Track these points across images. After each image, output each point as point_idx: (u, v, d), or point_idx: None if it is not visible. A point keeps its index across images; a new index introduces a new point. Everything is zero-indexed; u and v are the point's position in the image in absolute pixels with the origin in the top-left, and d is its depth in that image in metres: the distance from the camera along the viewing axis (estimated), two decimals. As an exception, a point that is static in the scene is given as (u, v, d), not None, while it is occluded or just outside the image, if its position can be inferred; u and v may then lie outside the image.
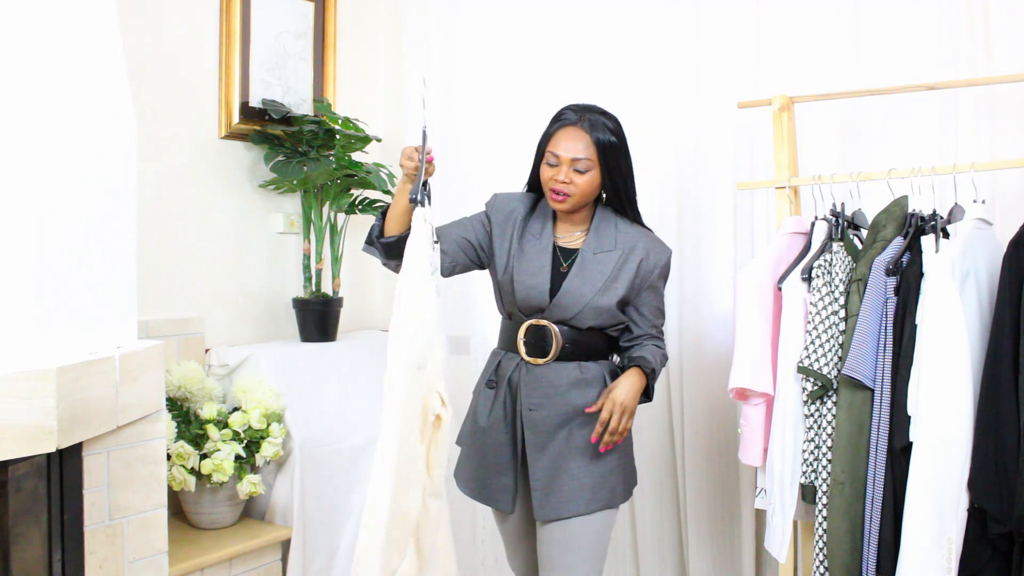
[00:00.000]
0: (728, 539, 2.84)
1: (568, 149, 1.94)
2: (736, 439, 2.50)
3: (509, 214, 2.06)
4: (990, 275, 2.02)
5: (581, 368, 2.01)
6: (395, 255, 1.96)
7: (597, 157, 1.95)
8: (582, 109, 1.98)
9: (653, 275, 2.03)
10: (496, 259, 2.05)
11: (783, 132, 2.41)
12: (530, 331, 2.01)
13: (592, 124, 1.95)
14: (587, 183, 1.96)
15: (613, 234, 2.02)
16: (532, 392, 2.00)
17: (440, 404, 1.79)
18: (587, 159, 1.94)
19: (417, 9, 3.29)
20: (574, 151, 1.94)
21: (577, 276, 1.99)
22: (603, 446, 1.94)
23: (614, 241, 2.01)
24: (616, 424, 1.91)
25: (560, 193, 1.96)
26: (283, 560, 2.64)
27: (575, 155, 1.94)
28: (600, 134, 1.95)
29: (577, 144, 1.94)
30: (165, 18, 2.73)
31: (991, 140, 2.38)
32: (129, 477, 2.00)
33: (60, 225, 1.82)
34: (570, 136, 1.95)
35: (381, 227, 1.99)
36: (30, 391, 1.64)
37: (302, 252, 3.04)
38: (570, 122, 1.96)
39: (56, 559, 1.86)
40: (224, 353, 2.77)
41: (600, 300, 1.98)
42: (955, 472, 1.91)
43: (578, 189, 1.95)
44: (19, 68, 1.76)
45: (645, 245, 2.03)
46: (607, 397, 1.93)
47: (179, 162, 2.79)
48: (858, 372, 2.03)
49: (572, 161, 1.94)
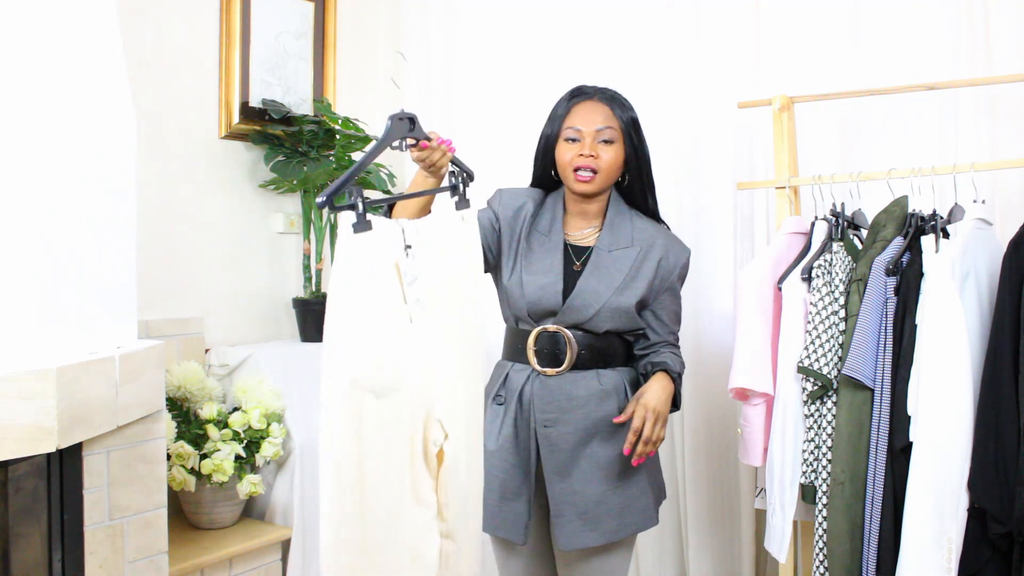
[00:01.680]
0: (728, 539, 2.84)
1: (591, 120, 1.82)
2: (736, 439, 2.50)
3: (518, 210, 1.91)
4: (990, 275, 2.02)
5: (600, 377, 1.85)
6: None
7: (620, 129, 1.84)
8: (591, 87, 1.89)
9: (673, 276, 1.90)
10: (503, 260, 1.90)
11: (783, 132, 2.41)
12: (541, 338, 1.84)
13: (612, 97, 1.86)
14: (614, 157, 1.83)
15: (629, 230, 1.89)
16: (547, 406, 1.83)
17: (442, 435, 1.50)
18: (612, 128, 1.83)
19: (417, 9, 3.29)
20: (597, 121, 1.82)
21: (592, 275, 1.84)
22: (636, 459, 1.76)
23: (631, 237, 1.88)
24: (650, 432, 1.73)
25: (586, 170, 1.81)
26: (283, 560, 2.64)
27: (599, 124, 1.82)
28: (620, 107, 1.85)
29: (598, 115, 1.83)
30: (165, 18, 2.73)
31: (991, 140, 2.38)
32: (129, 477, 2.00)
33: (60, 225, 1.82)
34: (590, 108, 1.84)
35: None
36: (30, 391, 1.64)
37: (302, 252, 3.04)
38: (587, 96, 1.86)
39: (56, 559, 1.86)
40: (224, 353, 2.77)
41: (619, 300, 1.83)
42: (955, 472, 1.91)
43: (605, 164, 1.82)
44: (19, 68, 1.76)
45: (664, 243, 1.90)
46: (637, 403, 1.76)
47: (179, 162, 2.78)
48: (858, 372, 2.03)
49: (596, 132, 1.81)
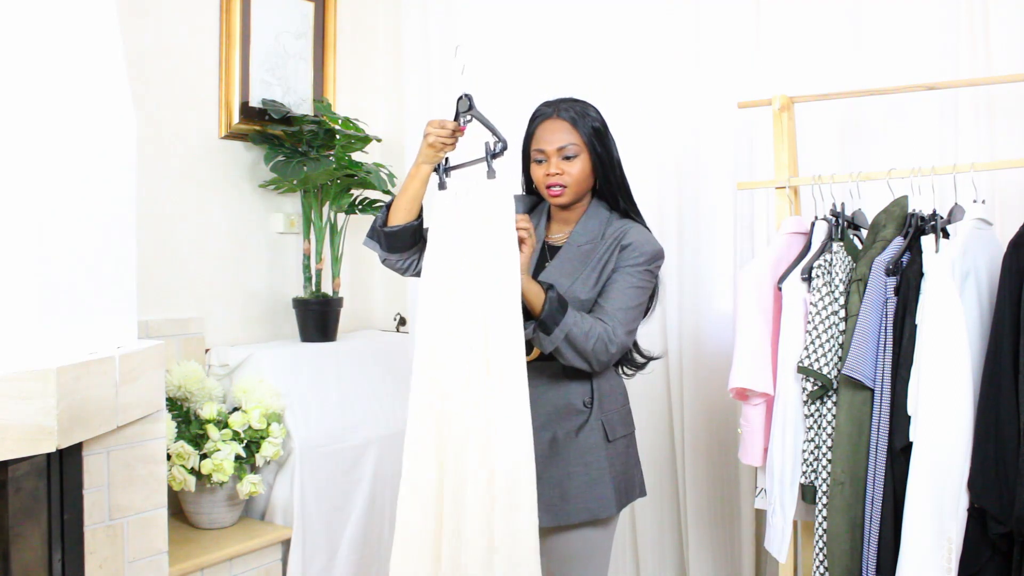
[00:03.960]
0: (728, 539, 2.84)
1: (551, 140, 1.89)
2: (736, 439, 2.50)
3: None
4: (990, 275, 2.02)
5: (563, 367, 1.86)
6: (397, 248, 1.90)
7: (582, 141, 1.89)
8: (554, 102, 1.94)
9: (631, 257, 1.87)
10: None
11: (783, 132, 2.41)
12: None
13: (568, 111, 1.91)
14: (579, 170, 1.89)
15: (602, 227, 1.93)
16: None
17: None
18: (573, 143, 1.89)
19: (417, 9, 3.29)
20: (557, 140, 1.89)
21: (555, 267, 1.91)
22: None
23: (601, 233, 1.93)
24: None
25: (555, 186, 1.89)
26: (283, 560, 2.64)
27: (559, 143, 1.89)
28: (579, 119, 1.90)
29: (558, 133, 1.89)
30: (165, 18, 2.73)
31: (991, 140, 2.38)
32: (129, 477, 2.00)
33: (60, 225, 1.82)
34: (549, 128, 1.91)
35: (386, 216, 1.90)
36: (30, 391, 1.64)
37: (302, 252, 3.04)
38: (546, 116, 1.93)
39: (56, 559, 1.86)
40: (224, 353, 2.77)
41: (577, 290, 1.86)
42: (955, 472, 1.91)
43: (572, 178, 1.89)
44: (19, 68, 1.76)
45: (634, 234, 1.91)
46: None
47: (179, 162, 2.78)
48: (858, 372, 2.03)
49: (558, 151, 1.89)
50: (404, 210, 1.88)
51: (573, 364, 1.81)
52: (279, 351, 2.82)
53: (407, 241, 1.90)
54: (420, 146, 1.85)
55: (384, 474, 2.85)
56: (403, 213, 1.88)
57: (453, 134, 1.81)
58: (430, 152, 1.83)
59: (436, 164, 1.86)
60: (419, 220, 1.91)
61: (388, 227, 1.89)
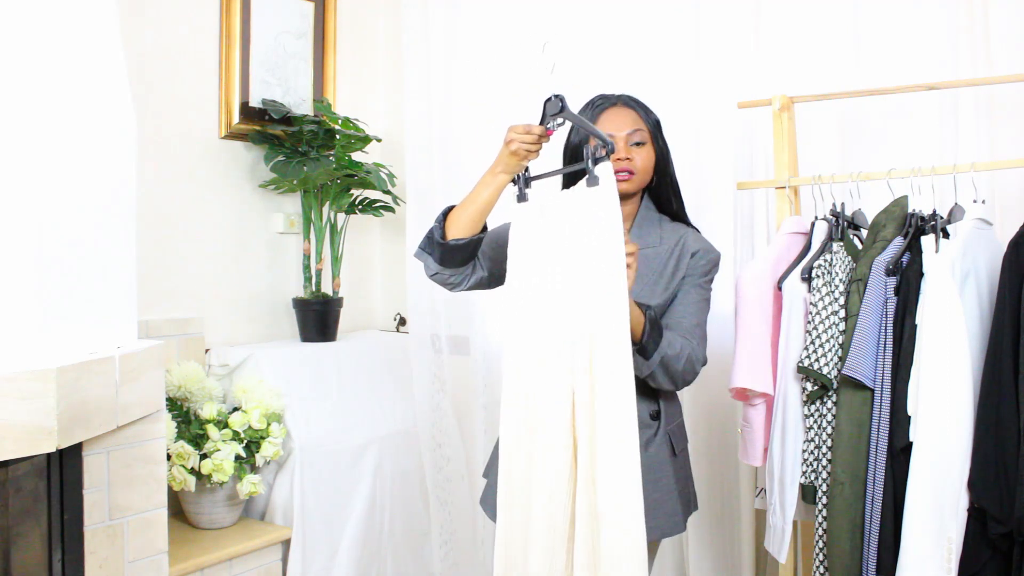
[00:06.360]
0: (728, 539, 2.84)
1: (620, 125, 1.81)
2: (736, 439, 2.50)
3: None
4: (990, 275, 2.02)
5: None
6: (454, 262, 1.76)
7: (648, 131, 1.84)
8: (611, 94, 1.89)
9: (700, 266, 1.83)
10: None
11: (783, 132, 2.41)
12: None
13: (634, 101, 1.87)
14: (646, 158, 1.82)
15: (658, 230, 1.86)
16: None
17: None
18: (641, 130, 1.82)
19: (417, 9, 3.29)
20: (627, 125, 1.82)
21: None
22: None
23: (659, 237, 1.84)
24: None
25: (624, 171, 1.78)
26: (283, 560, 2.64)
27: (630, 128, 1.81)
28: (644, 110, 1.86)
29: (626, 119, 1.82)
30: (165, 18, 2.73)
31: (991, 140, 2.38)
32: (129, 477, 2.00)
33: (60, 225, 1.82)
34: (618, 114, 1.83)
35: (443, 227, 1.75)
36: (30, 391, 1.64)
37: (302, 252, 3.04)
38: (611, 102, 1.86)
39: (56, 559, 1.86)
40: (224, 353, 2.77)
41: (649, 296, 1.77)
42: (955, 472, 1.91)
43: (640, 165, 1.81)
44: (19, 68, 1.76)
45: (696, 240, 1.86)
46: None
47: (179, 162, 2.79)
48: (858, 372, 2.03)
49: (628, 136, 1.81)
50: (472, 222, 1.73)
51: (660, 386, 1.74)
52: (279, 351, 2.82)
53: (467, 256, 1.77)
54: (499, 154, 1.69)
55: (384, 474, 2.86)
56: (469, 225, 1.73)
57: (539, 140, 1.65)
58: (512, 161, 1.67)
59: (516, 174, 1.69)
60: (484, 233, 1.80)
61: (452, 240, 1.73)
